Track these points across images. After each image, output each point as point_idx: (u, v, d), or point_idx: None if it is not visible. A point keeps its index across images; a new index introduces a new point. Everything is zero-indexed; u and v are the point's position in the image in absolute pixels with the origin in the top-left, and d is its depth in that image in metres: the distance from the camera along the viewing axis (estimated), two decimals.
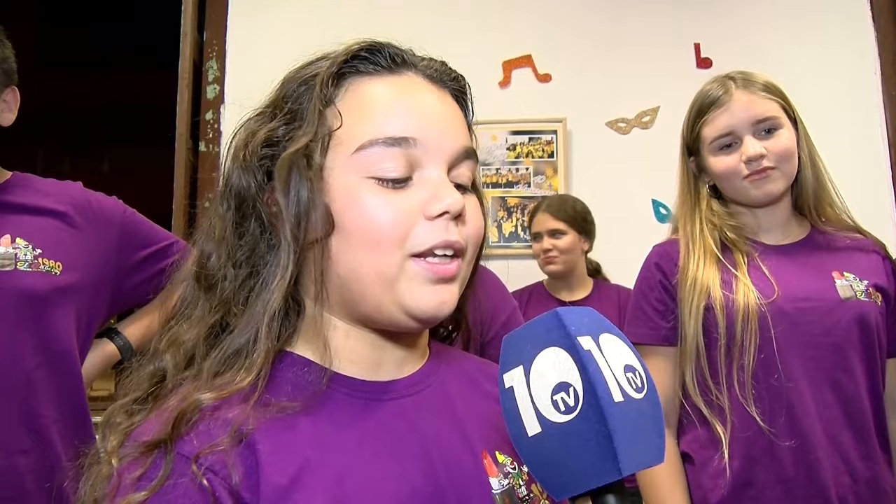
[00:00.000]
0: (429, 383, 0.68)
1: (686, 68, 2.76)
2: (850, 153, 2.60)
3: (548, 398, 0.48)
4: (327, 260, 0.60)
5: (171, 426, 0.54)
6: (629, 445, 0.46)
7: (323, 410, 0.60)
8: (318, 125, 0.60)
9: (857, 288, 1.25)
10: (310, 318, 0.63)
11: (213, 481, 0.52)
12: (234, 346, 0.60)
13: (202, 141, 2.72)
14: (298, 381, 0.60)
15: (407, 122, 0.61)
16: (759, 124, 1.27)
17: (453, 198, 0.60)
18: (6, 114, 1.24)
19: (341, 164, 0.60)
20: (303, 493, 0.55)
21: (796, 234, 1.34)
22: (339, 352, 0.63)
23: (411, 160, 0.60)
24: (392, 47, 0.65)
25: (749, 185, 1.28)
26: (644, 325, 1.33)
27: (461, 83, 0.69)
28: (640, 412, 0.48)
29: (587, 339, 0.49)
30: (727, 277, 1.26)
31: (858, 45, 2.77)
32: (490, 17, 2.82)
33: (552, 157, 2.74)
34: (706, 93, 1.33)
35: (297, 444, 0.57)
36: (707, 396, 1.24)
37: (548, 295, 2.33)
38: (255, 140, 0.62)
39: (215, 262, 0.63)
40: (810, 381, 1.20)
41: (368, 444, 0.60)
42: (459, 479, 0.62)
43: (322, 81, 0.61)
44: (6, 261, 1.17)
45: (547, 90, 2.78)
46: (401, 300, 0.60)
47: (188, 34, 2.70)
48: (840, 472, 1.18)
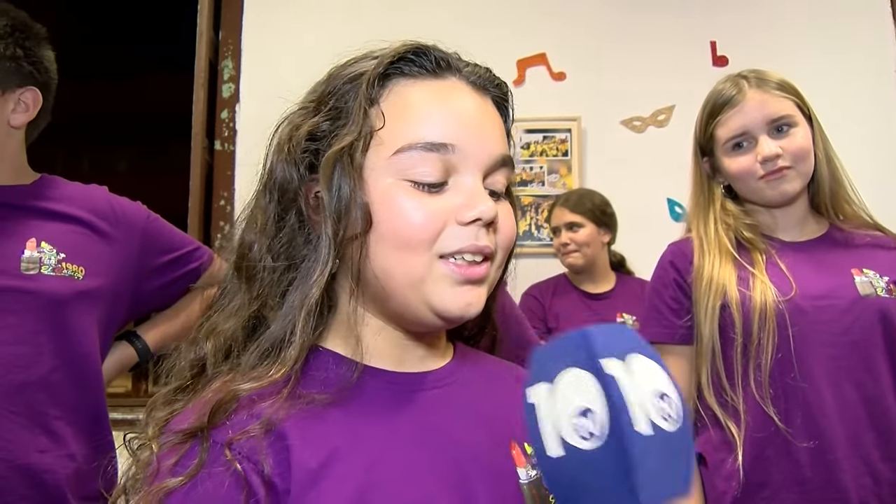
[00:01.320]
0: (454, 379, 0.69)
1: (702, 66, 2.73)
2: (867, 152, 2.57)
3: (570, 422, 0.46)
4: (364, 257, 0.61)
5: (209, 415, 0.56)
6: (652, 480, 0.44)
7: (353, 401, 0.61)
8: (362, 124, 0.61)
9: (878, 284, 1.22)
10: (343, 313, 0.65)
11: (246, 468, 0.54)
12: (270, 339, 0.61)
13: (218, 140, 2.74)
14: (329, 374, 0.62)
15: (446, 128, 0.62)
16: (773, 123, 1.25)
17: (486, 205, 0.61)
18: (19, 114, 1.22)
19: (380, 164, 0.61)
20: (332, 479, 0.56)
21: (814, 231, 1.32)
22: (368, 348, 0.64)
23: (448, 166, 0.61)
24: (438, 51, 0.66)
25: (765, 186, 1.26)
26: (659, 323, 1.32)
27: (503, 90, 0.70)
28: (669, 443, 0.46)
29: (613, 363, 0.47)
30: (744, 275, 1.24)
31: (877, 42, 2.74)
32: (504, 16, 2.81)
33: (566, 155, 2.73)
34: (719, 92, 1.31)
35: (328, 433, 0.58)
36: (721, 398, 1.22)
37: (572, 287, 2.34)
38: (298, 134, 0.63)
39: (256, 253, 0.64)
40: (830, 380, 1.17)
41: (398, 434, 0.61)
42: (487, 469, 0.63)
43: (368, 81, 0.62)
44: (31, 264, 1.18)
45: (561, 88, 2.77)
46: (428, 299, 0.61)
47: (204, 33, 2.72)
48: (861, 474, 1.15)
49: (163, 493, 0.53)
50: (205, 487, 0.53)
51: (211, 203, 2.71)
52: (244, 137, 2.71)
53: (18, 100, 1.22)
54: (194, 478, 0.53)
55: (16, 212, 1.22)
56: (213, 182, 2.72)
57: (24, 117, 1.23)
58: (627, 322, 2.22)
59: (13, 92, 1.21)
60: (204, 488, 0.53)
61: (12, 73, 1.20)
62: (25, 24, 1.23)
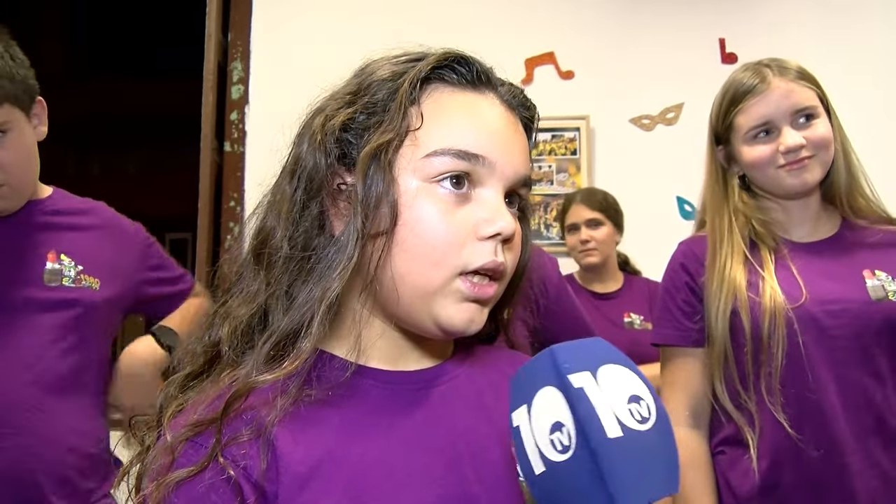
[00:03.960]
0: (455, 374, 0.69)
1: (711, 64, 2.72)
2: (879, 152, 2.55)
3: (546, 438, 0.48)
4: (385, 257, 0.61)
5: (223, 408, 0.56)
6: (628, 482, 0.45)
7: (346, 401, 0.61)
8: (401, 122, 0.62)
9: (890, 288, 1.20)
10: (346, 312, 0.64)
11: (237, 472, 0.54)
12: (284, 330, 0.60)
13: (227, 141, 2.75)
14: (323, 374, 0.61)
15: (480, 139, 0.62)
16: (798, 114, 1.22)
17: (506, 221, 0.61)
18: (40, 127, 1.26)
19: (410, 165, 0.61)
20: (321, 482, 0.56)
21: (827, 229, 1.30)
22: (366, 349, 0.64)
23: (474, 177, 0.62)
24: (480, 64, 0.67)
25: (785, 174, 1.23)
26: (671, 326, 1.30)
27: (532, 113, 0.71)
28: (644, 445, 0.47)
29: (581, 376, 0.48)
30: (754, 279, 1.22)
31: (890, 39, 2.71)
32: (512, 15, 2.81)
33: (575, 154, 2.73)
34: (740, 80, 1.28)
35: (320, 434, 0.58)
36: (736, 401, 1.21)
37: (580, 288, 2.31)
38: (332, 124, 0.63)
39: (278, 240, 0.63)
40: (839, 385, 1.16)
41: (395, 435, 0.61)
42: (487, 467, 0.63)
43: (411, 81, 0.62)
44: (53, 276, 1.23)
45: (570, 87, 2.76)
46: (434, 311, 0.61)
47: (212, 35, 2.73)
48: (870, 478, 1.15)
49: (172, 484, 0.54)
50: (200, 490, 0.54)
51: (221, 204, 2.72)
52: (254, 139, 2.72)
53: (34, 114, 1.24)
54: (203, 470, 0.54)
55: (36, 226, 1.27)
56: (222, 183, 2.74)
57: (43, 128, 1.27)
58: (635, 322, 2.21)
59: (32, 108, 1.23)
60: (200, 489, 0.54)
61: (24, 91, 1.21)
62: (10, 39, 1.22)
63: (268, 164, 0.70)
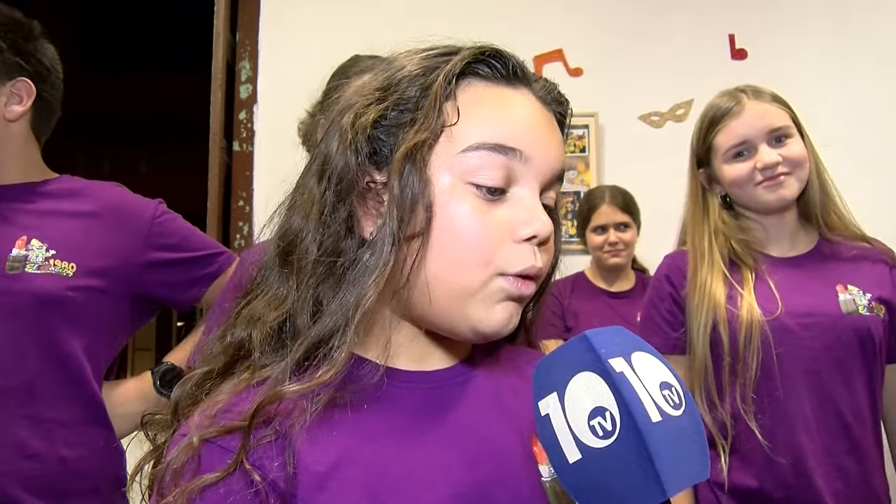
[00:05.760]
0: (475, 373, 0.68)
1: (720, 60, 2.71)
2: (892, 141, 2.52)
3: (585, 424, 0.47)
4: (420, 259, 0.59)
5: (251, 415, 0.54)
6: (672, 465, 0.45)
7: (369, 401, 0.60)
8: (436, 119, 0.60)
9: (860, 302, 1.27)
10: (376, 316, 0.62)
11: (260, 476, 0.53)
12: (316, 337, 0.58)
13: (236, 140, 2.76)
14: (353, 378, 0.60)
15: (517, 133, 0.61)
16: (772, 133, 1.30)
17: (542, 221, 0.60)
18: (12, 106, 1.20)
19: (444, 161, 0.60)
20: (340, 482, 0.55)
21: (804, 245, 1.36)
22: (394, 352, 0.63)
23: (511, 173, 0.60)
24: (515, 59, 0.65)
25: (763, 191, 1.30)
26: (655, 334, 1.37)
27: (565, 108, 0.69)
28: (681, 429, 0.47)
29: (619, 361, 0.48)
30: (732, 293, 1.29)
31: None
32: (520, 12, 2.80)
33: (584, 151, 2.72)
34: (718, 105, 1.36)
35: (339, 434, 0.57)
36: (713, 413, 1.27)
37: (592, 286, 2.32)
38: (362, 122, 0.61)
39: (307, 243, 0.61)
40: (811, 394, 1.23)
41: (414, 434, 0.60)
42: (507, 466, 0.62)
43: (446, 75, 0.60)
44: (16, 263, 1.16)
45: (578, 84, 2.75)
46: (470, 314, 0.60)
47: (221, 35, 2.73)
48: (833, 479, 1.22)
49: (197, 490, 0.53)
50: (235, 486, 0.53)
51: (230, 204, 2.72)
52: (262, 138, 2.73)
53: (11, 92, 1.21)
54: (229, 476, 0.53)
55: (14, 211, 1.21)
56: (231, 183, 2.74)
57: (21, 109, 1.22)
58: None
59: (4, 85, 1.20)
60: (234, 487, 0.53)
61: None
62: (12, 20, 1.22)
63: (276, 163, 0.70)
